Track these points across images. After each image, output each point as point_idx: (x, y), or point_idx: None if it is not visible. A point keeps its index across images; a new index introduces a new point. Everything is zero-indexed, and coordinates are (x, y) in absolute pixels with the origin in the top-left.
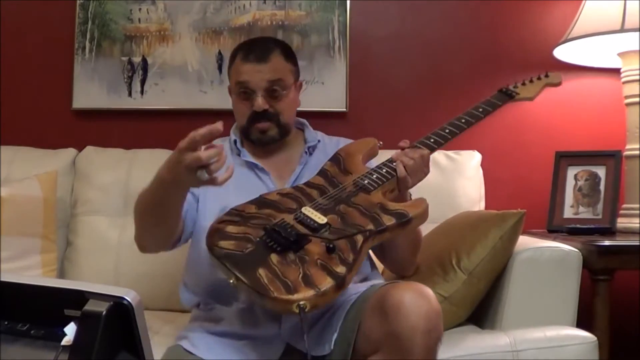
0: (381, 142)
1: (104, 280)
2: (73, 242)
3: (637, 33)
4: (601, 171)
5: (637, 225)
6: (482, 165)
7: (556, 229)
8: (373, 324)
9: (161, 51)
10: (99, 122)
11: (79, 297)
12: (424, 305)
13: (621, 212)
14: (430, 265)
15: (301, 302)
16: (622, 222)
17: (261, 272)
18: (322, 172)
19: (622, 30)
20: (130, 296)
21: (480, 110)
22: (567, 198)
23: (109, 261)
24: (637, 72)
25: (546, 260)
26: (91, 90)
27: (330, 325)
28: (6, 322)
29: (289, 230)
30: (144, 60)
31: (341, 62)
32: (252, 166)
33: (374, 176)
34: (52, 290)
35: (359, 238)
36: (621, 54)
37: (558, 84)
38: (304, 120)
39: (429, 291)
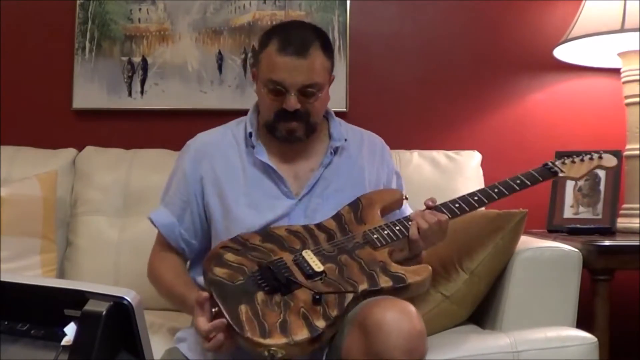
0: (407, 196)
1: (104, 280)
2: (73, 242)
3: (637, 33)
4: (601, 171)
5: (637, 225)
6: (482, 165)
7: (556, 229)
8: (354, 342)
9: (161, 51)
10: (99, 122)
11: (79, 297)
12: (406, 324)
13: (621, 212)
14: (432, 265)
15: (272, 348)
16: (622, 222)
17: (243, 308)
18: (337, 216)
19: (622, 30)
20: (130, 296)
21: (518, 182)
22: (567, 198)
23: (109, 261)
24: (637, 72)
25: (546, 260)
26: (91, 90)
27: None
28: (6, 322)
29: (282, 271)
30: (144, 60)
31: (341, 62)
32: (266, 168)
33: (385, 232)
34: (52, 290)
35: (349, 296)
36: (621, 54)
37: (611, 168)
38: (329, 109)
39: (412, 309)
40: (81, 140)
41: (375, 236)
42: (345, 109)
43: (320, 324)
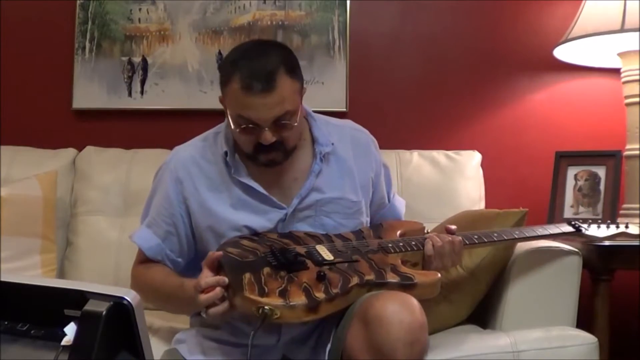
0: (428, 230)
1: (104, 280)
2: (73, 242)
3: (637, 33)
4: (601, 171)
5: (637, 225)
6: (482, 165)
7: None
8: (356, 334)
9: (161, 51)
10: (99, 122)
11: (79, 297)
12: (407, 317)
13: (621, 212)
14: None
15: (266, 307)
16: (622, 222)
17: (247, 275)
18: (357, 232)
19: (622, 30)
20: (130, 296)
21: (539, 231)
22: (567, 198)
23: (109, 261)
24: (637, 72)
25: (546, 260)
26: (91, 90)
27: (324, 336)
28: (6, 322)
29: (292, 254)
30: (144, 60)
31: (341, 62)
32: (246, 188)
33: (400, 244)
34: (52, 290)
35: (355, 279)
36: (621, 54)
37: (635, 237)
38: (308, 109)
39: (413, 302)
40: (81, 140)
41: (390, 245)
42: (345, 109)
43: (320, 295)
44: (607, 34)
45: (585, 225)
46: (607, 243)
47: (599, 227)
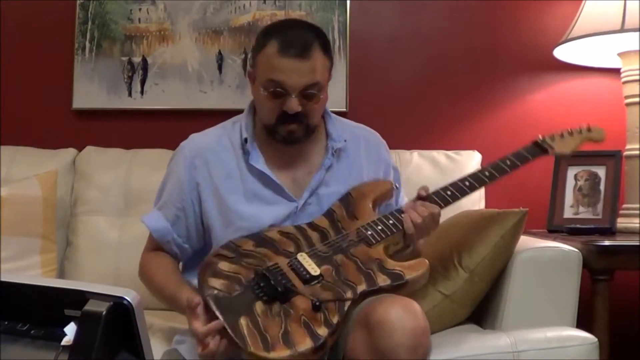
0: (397, 185)
1: (104, 280)
2: (73, 242)
3: (637, 33)
4: (601, 171)
5: (637, 225)
6: (482, 165)
7: (556, 229)
8: (358, 339)
9: (161, 51)
10: (99, 122)
11: (79, 297)
12: (410, 321)
13: (621, 212)
14: (432, 263)
15: None
16: (622, 222)
17: (243, 321)
18: (329, 213)
19: (622, 30)
20: (130, 296)
21: (508, 163)
22: (567, 198)
23: (109, 261)
24: (637, 72)
25: (546, 260)
26: (91, 90)
27: None
28: (6, 322)
29: (279, 278)
30: (144, 60)
31: (341, 62)
32: (262, 176)
33: (379, 227)
34: (52, 290)
35: (348, 294)
36: (621, 54)
37: (600, 141)
38: (326, 107)
39: (416, 307)
40: (81, 140)
41: (369, 232)
42: (345, 109)
43: (322, 331)
44: (607, 34)
45: (549, 142)
46: (607, 243)
47: (562, 137)
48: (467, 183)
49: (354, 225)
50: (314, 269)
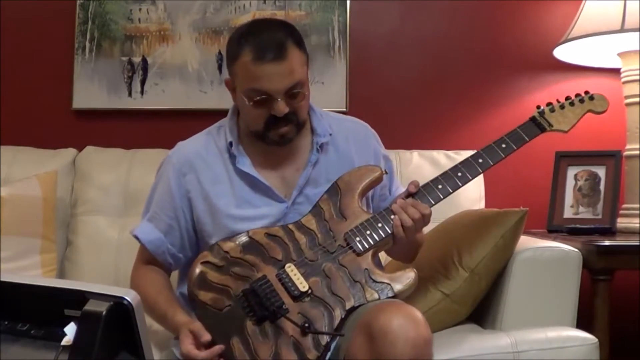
0: (386, 171)
1: (104, 280)
2: (73, 242)
3: (637, 33)
4: (601, 171)
5: (637, 225)
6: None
7: (556, 229)
8: (359, 346)
9: (161, 51)
10: (99, 122)
11: (79, 297)
12: (412, 332)
13: (621, 212)
14: (432, 263)
15: None
16: (622, 222)
17: (234, 342)
18: (316, 211)
19: (622, 30)
20: (130, 296)
21: (503, 146)
22: (567, 198)
23: (109, 261)
24: (637, 72)
25: (546, 260)
26: (91, 90)
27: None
28: (6, 322)
29: (269, 296)
30: (144, 60)
31: (341, 62)
32: (250, 179)
33: (367, 232)
34: (52, 290)
35: (337, 312)
36: (621, 54)
37: (602, 112)
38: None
39: (418, 316)
40: (81, 140)
41: (357, 239)
42: (345, 109)
43: (312, 355)
44: (607, 34)
45: (548, 118)
46: (607, 243)
47: (562, 108)
48: (459, 174)
49: (342, 228)
50: (302, 284)
